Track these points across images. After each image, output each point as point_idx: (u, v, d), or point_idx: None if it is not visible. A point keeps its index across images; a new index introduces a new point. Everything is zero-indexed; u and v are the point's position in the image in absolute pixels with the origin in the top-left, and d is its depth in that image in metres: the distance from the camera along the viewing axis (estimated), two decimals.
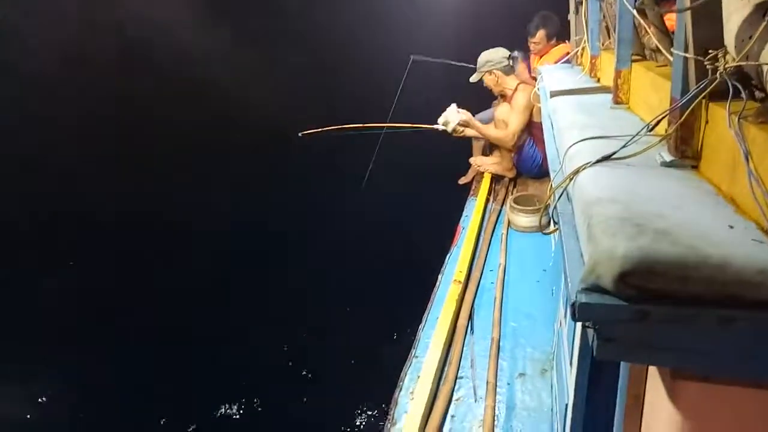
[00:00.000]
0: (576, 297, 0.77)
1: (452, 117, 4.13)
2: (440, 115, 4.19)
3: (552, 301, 2.86)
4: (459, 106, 4.18)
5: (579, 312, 0.76)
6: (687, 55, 1.05)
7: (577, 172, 1.11)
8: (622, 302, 0.73)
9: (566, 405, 1.76)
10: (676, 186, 0.98)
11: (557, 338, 2.32)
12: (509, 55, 4.19)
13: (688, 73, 1.07)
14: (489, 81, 4.17)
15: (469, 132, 4.26)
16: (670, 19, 1.93)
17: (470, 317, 2.81)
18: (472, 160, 4.70)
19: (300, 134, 4.19)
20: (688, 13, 1.01)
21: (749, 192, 0.82)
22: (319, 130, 4.20)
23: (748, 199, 0.83)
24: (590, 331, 0.79)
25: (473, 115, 4.29)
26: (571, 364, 1.77)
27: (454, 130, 4.14)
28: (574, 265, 0.89)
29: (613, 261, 0.73)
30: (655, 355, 0.79)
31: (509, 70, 4.16)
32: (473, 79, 4.21)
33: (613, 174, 1.05)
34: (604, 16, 2.57)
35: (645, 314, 0.73)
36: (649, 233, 0.76)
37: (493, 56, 4.12)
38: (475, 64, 4.21)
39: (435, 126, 4.21)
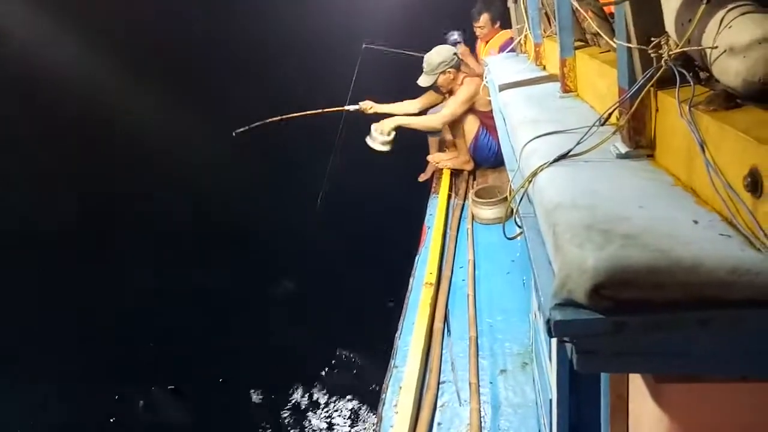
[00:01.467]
0: (550, 314, 0.73)
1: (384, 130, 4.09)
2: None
3: (524, 291, 2.86)
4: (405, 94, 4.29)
5: (554, 329, 0.73)
6: (630, 45, 1.03)
7: (535, 174, 1.08)
8: (598, 315, 0.70)
9: (550, 400, 1.75)
10: (635, 181, 0.96)
11: (533, 331, 2.32)
12: (455, 47, 4.19)
13: (633, 62, 1.06)
14: (443, 81, 4.11)
15: (379, 109, 4.40)
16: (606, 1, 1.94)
17: (446, 319, 2.78)
18: (429, 157, 4.68)
19: (234, 133, 4.22)
20: (627, 2, 0.99)
21: (708, 182, 0.80)
22: (249, 127, 4.23)
23: (708, 188, 0.81)
24: (568, 345, 0.76)
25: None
26: (550, 358, 1.76)
27: (363, 111, 4.37)
28: (543, 275, 0.86)
29: (584, 274, 0.70)
30: (637, 364, 0.77)
31: (459, 65, 4.15)
32: (425, 83, 4.12)
33: (571, 173, 1.02)
34: (542, 4, 2.58)
35: (622, 325, 0.70)
36: (616, 239, 0.73)
37: (445, 55, 4.07)
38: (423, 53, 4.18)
39: (347, 107, 4.40)
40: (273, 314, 4.79)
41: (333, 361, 4.21)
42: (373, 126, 4.10)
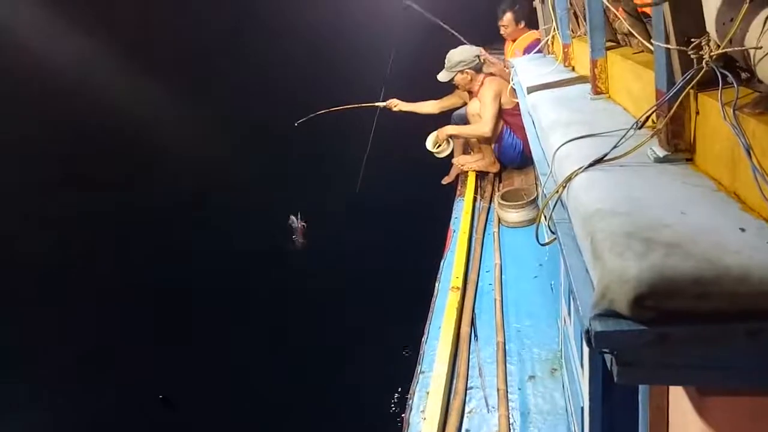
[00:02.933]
0: (590, 324, 0.71)
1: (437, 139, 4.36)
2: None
3: (552, 296, 2.82)
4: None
5: (595, 340, 0.71)
6: (669, 46, 1.00)
7: (569, 179, 1.06)
8: (641, 326, 0.68)
9: (581, 408, 1.71)
10: (675, 186, 0.93)
11: (563, 336, 2.28)
12: (479, 53, 4.17)
13: (671, 64, 1.03)
14: (460, 80, 4.16)
15: (403, 107, 4.60)
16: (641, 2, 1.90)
17: (472, 323, 2.75)
18: (454, 160, 4.65)
19: (296, 123, 4.61)
20: (666, 3, 0.97)
21: (754, 187, 0.77)
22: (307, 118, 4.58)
23: (754, 194, 0.78)
24: (608, 356, 0.74)
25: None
26: (582, 365, 1.72)
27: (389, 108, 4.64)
28: (581, 284, 0.84)
29: (625, 284, 0.68)
30: (681, 376, 0.74)
31: (479, 68, 4.13)
32: (443, 78, 4.19)
33: (607, 178, 1.00)
34: (571, 3, 2.54)
35: (666, 337, 0.68)
36: (659, 248, 0.71)
37: (466, 56, 4.10)
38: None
39: (377, 104, 4.66)
40: (293, 312, 4.81)
41: (355, 365, 4.21)
42: (431, 136, 4.35)
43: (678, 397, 0.90)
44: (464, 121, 4.57)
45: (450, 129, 4.37)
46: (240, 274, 5.35)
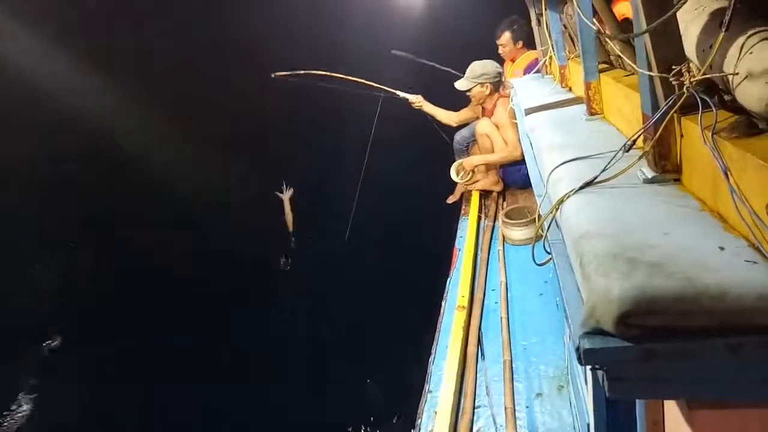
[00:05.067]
0: (579, 342, 0.75)
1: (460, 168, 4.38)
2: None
3: (558, 313, 2.83)
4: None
5: (584, 357, 0.75)
6: (651, 73, 1.05)
7: (561, 201, 1.11)
8: (627, 343, 0.72)
9: (588, 424, 1.73)
10: (661, 207, 0.98)
11: (569, 353, 2.29)
12: (501, 71, 4.25)
13: (655, 90, 1.08)
14: (477, 92, 4.18)
15: (426, 107, 4.56)
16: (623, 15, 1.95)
17: (479, 342, 2.77)
18: (459, 161, 4.69)
19: (273, 75, 4.30)
20: (647, 33, 1.02)
21: (733, 207, 0.81)
22: (292, 73, 4.31)
23: (734, 214, 0.82)
24: (599, 372, 0.78)
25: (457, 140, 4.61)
26: (586, 382, 1.74)
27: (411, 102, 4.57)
28: (573, 302, 0.88)
29: (610, 304, 0.72)
30: (668, 390, 0.77)
31: (498, 86, 4.20)
32: (462, 86, 4.19)
33: (597, 201, 1.04)
34: (565, 26, 2.61)
35: (651, 352, 0.72)
36: (642, 268, 0.75)
37: (489, 69, 4.15)
38: (460, 71, 4.29)
39: (399, 93, 4.56)
40: (294, 331, 4.82)
41: (360, 384, 4.21)
42: (455, 165, 4.36)
43: (672, 411, 0.93)
44: (467, 141, 4.64)
45: (476, 159, 4.34)
46: (236, 286, 5.41)
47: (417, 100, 4.61)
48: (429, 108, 4.63)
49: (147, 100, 7.61)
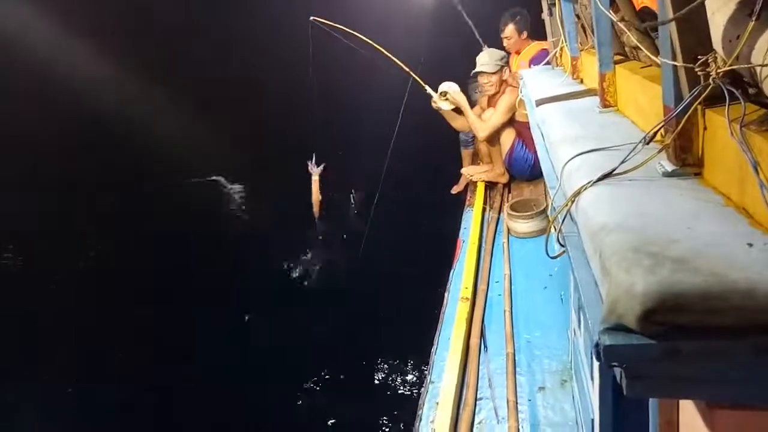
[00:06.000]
0: (599, 338, 0.73)
1: (453, 88, 4.27)
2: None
3: (562, 307, 2.81)
4: None
5: (604, 354, 0.72)
6: (676, 63, 1.02)
7: (578, 193, 1.08)
8: (650, 340, 0.69)
9: (592, 420, 1.71)
10: (683, 200, 0.95)
11: (573, 347, 2.28)
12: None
13: (679, 80, 1.04)
14: (496, 79, 4.15)
15: (444, 106, 4.38)
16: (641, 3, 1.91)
17: (482, 334, 2.76)
18: (463, 170, 4.67)
19: (311, 18, 4.10)
20: (673, 22, 0.98)
21: (762, 202, 0.78)
22: (332, 24, 4.19)
23: (762, 210, 0.79)
24: (617, 370, 0.75)
25: None
26: (592, 377, 1.73)
27: (443, 94, 4.31)
28: (591, 298, 0.86)
29: (634, 299, 0.69)
30: (690, 390, 0.75)
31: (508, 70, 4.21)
32: (491, 68, 4.11)
33: (615, 193, 1.01)
34: (578, 16, 2.56)
35: (675, 351, 0.69)
36: (666, 263, 0.72)
37: (503, 54, 4.19)
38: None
39: (425, 86, 4.37)
40: (296, 318, 4.81)
41: (364, 373, 4.20)
42: (443, 85, 4.29)
43: (688, 411, 0.91)
44: (472, 132, 4.61)
45: (462, 101, 4.27)
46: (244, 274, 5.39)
47: (440, 101, 4.37)
48: (446, 113, 4.45)
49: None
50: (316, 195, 4.32)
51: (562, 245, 1.14)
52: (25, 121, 7.29)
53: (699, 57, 1.00)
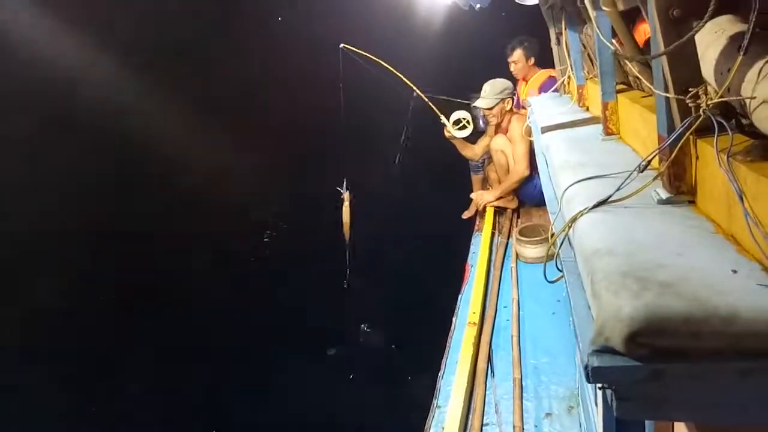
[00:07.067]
0: (588, 360, 0.75)
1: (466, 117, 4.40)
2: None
3: (570, 332, 2.80)
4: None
5: (593, 375, 0.75)
6: (668, 95, 1.06)
7: (574, 219, 1.11)
8: (636, 362, 0.72)
9: None
10: (675, 228, 0.98)
11: (579, 373, 2.27)
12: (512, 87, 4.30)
13: (671, 111, 1.08)
14: (498, 109, 4.22)
15: (458, 135, 4.49)
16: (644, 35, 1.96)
17: (489, 359, 2.75)
18: (473, 195, 4.71)
19: (341, 46, 4.21)
20: (664, 55, 1.03)
21: (747, 231, 0.81)
22: (360, 52, 4.28)
23: (748, 237, 0.82)
24: (608, 392, 0.78)
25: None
26: (596, 403, 1.73)
27: (456, 122, 4.44)
28: (583, 320, 0.88)
29: (620, 322, 0.72)
30: (677, 412, 0.77)
31: (511, 101, 4.27)
32: (486, 104, 4.21)
33: (610, 220, 1.04)
34: (584, 46, 2.62)
35: (660, 373, 0.72)
36: (652, 287, 0.75)
37: (508, 85, 4.23)
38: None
39: (440, 116, 4.46)
40: (304, 336, 4.82)
41: (368, 395, 4.19)
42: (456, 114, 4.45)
43: None
44: (482, 158, 4.66)
45: (488, 195, 4.43)
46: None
47: (451, 131, 4.50)
48: (458, 142, 4.61)
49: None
50: (346, 218, 4.39)
51: (560, 270, 1.17)
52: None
53: (690, 89, 1.04)
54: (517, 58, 4.48)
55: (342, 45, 4.23)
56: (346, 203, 4.32)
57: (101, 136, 6.95)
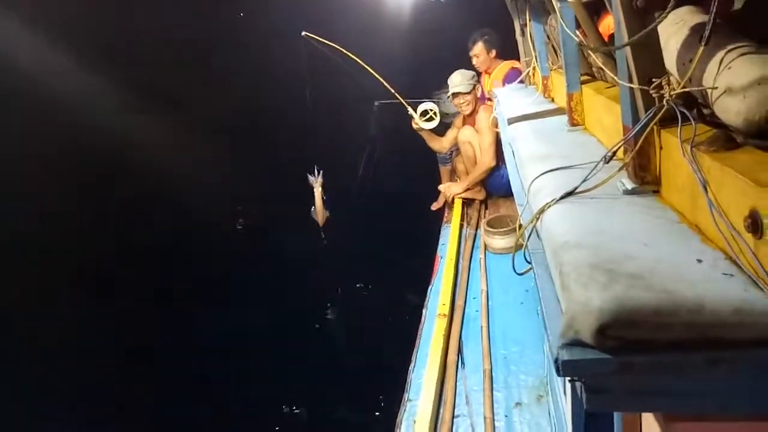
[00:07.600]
0: (558, 353, 0.74)
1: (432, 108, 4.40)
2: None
3: (538, 322, 2.84)
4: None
5: (563, 368, 0.74)
6: (632, 85, 1.06)
7: (542, 211, 1.11)
8: (605, 355, 0.71)
9: None
10: (640, 218, 0.98)
11: (548, 362, 2.30)
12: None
13: (635, 102, 1.08)
14: (470, 98, 4.26)
15: (425, 126, 4.52)
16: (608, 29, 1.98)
17: (459, 350, 2.76)
18: (441, 187, 4.72)
19: (303, 33, 4.22)
20: (628, 47, 1.03)
21: (711, 220, 0.82)
22: (323, 40, 4.28)
23: (712, 227, 0.83)
24: (578, 384, 0.77)
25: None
26: (565, 393, 1.74)
27: (423, 113, 4.47)
28: (552, 313, 0.88)
29: (589, 315, 0.71)
30: (646, 403, 0.77)
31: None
32: (464, 89, 4.23)
33: (577, 211, 1.04)
34: (549, 37, 2.63)
35: (630, 365, 0.71)
36: (621, 280, 0.75)
37: (473, 73, 4.29)
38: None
39: (408, 107, 4.50)
40: (278, 332, 4.77)
41: (341, 391, 4.17)
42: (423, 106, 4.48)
43: (650, 424, 0.93)
44: (450, 150, 4.68)
45: (456, 187, 4.47)
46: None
47: (419, 123, 4.55)
48: (425, 133, 4.64)
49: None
50: (319, 206, 4.35)
51: (528, 262, 1.17)
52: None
53: (654, 80, 1.04)
54: (478, 52, 4.50)
55: (304, 33, 4.21)
56: (318, 189, 4.31)
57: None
